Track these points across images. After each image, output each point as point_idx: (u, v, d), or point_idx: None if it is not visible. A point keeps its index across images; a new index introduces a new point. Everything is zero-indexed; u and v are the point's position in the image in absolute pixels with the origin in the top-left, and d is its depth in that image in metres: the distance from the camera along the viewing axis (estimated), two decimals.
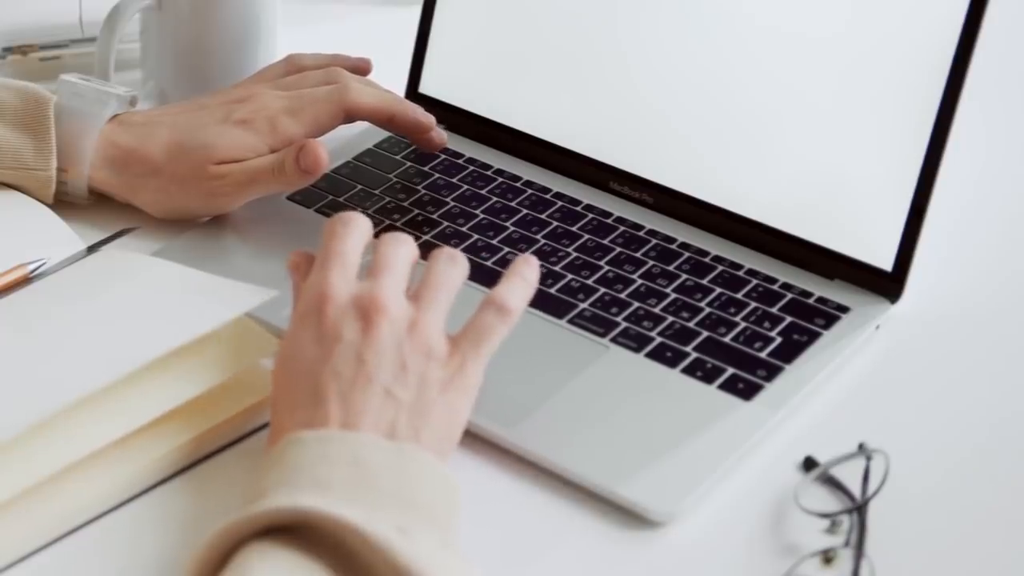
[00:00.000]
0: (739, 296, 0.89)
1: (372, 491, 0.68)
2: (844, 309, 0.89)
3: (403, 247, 0.78)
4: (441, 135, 1.00)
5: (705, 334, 0.86)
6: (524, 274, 0.79)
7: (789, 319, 0.88)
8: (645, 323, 0.87)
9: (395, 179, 1.00)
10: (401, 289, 0.76)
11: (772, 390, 0.83)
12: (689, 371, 0.84)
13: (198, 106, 0.95)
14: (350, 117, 0.95)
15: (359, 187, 0.99)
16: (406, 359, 0.74)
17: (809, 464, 0.79)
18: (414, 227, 0.95)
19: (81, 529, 0.74)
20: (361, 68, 1.01)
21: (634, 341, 0.86)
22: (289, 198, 0.97)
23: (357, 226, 0.79)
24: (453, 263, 0.78)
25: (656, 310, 0.88)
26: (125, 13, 1.01)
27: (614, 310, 0.88)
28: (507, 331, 0.77)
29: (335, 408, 0.72)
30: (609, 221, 0.96)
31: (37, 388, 0.75)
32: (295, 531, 0.66)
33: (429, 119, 0.97)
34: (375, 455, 0.69)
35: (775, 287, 0.90)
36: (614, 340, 0.86)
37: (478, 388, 0.76)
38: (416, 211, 0.96)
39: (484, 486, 0.78)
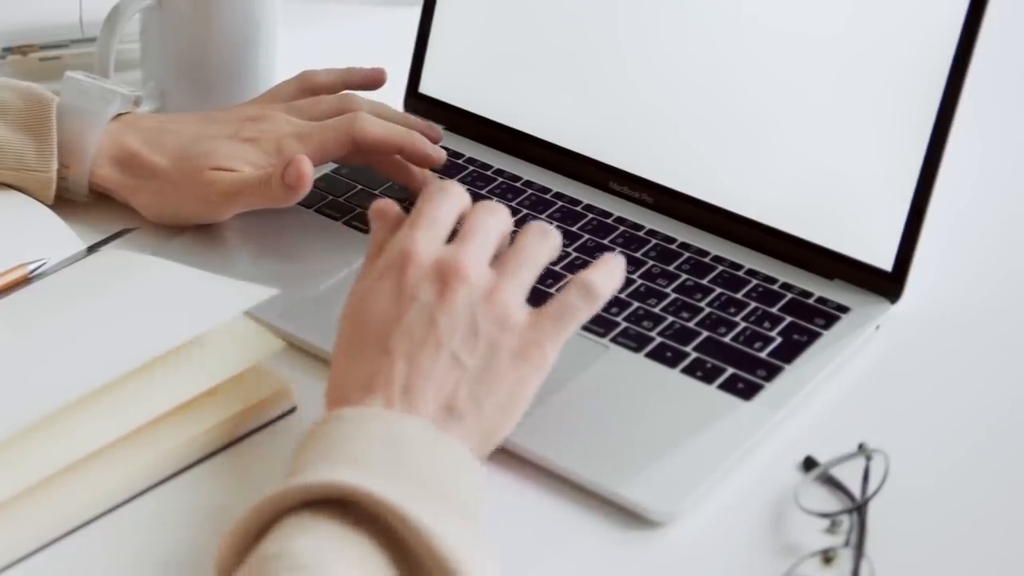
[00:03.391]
0: (739, 296, 0.89)
1: (410, 473, 0.68)
2: (844, 309, 0.89)
3: (494, 216, 0.77)
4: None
5: (705, 334, 0.86)
6: (613, 268, 0.78)
7: (789, 319, 0.88)
8: (645, 323, 0.87)
9: None
10: (486, 257, 0.75)
11: (772, 390, 0.83)
12: (689, 371, 0.84)
13: (210, 119, 0.95)
14: (358, 147, 0.93)
15: (359, 187, 0.99)
16: (478, 325, 0.73)
17: (809, 464, 0.79)
18: None
19: (80, 529, 0.74)
20: (374, 78, 1.00)
21: (634, 341, 0.86)
22: None
23: (455, 194, 0.78)
24: (544, 237, 0.77)
25: (656, 310, 0.88)
26: (125, 13, 1.01)
27: (614, 310, 0.88)
28: (589, 316, 0.76)
29: (400, 366, 0.71)
30: (609, 221, 0.96)
31: (37, 388, 0.75)
32: (336, 505, 0.66)
33: (439, 154, 0.95)
34: (414, 436, 0.69)
35: (775, 287, 0.90)
36: (614, 340, 0.86)
37: (549, 368, 0.74)
38: None
39: (484, 486, 0.78)
